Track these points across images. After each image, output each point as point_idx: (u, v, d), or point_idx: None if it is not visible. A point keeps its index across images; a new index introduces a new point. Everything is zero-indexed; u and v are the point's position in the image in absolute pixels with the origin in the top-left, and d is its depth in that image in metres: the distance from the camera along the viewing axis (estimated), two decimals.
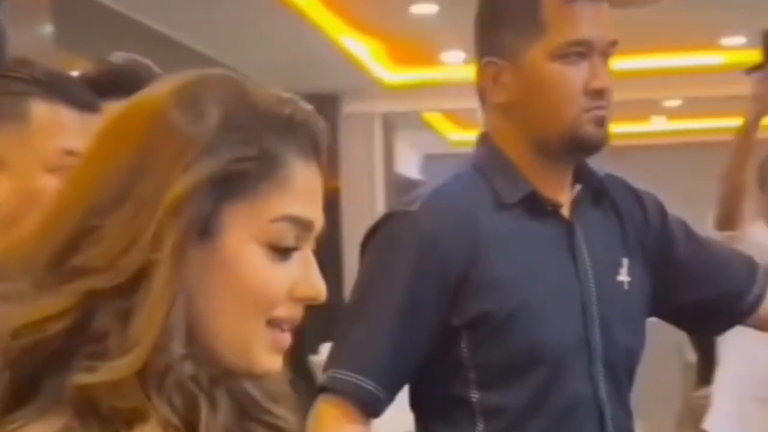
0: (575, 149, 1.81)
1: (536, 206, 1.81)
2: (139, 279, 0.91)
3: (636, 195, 1.96)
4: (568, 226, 1.83)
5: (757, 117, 2.81)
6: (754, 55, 2.78)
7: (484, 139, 1.88)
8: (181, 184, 0.92)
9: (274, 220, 0.96)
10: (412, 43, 7.39)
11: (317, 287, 0.99)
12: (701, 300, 1.96)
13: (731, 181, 3.00)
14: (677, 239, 1.95)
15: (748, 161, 2.94)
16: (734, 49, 7.57)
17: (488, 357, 1.74)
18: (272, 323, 0.98)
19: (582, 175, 1.87)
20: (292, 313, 0.98)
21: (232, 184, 0.94)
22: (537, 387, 1.75)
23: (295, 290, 0.98)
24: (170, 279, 0.91)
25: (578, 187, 1.86)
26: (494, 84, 1.82)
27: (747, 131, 2.84)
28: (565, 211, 1.84)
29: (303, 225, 0.98)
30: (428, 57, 7.78)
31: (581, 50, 1.78)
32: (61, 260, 0.92)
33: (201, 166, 0.93)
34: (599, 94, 1.78)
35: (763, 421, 1.80)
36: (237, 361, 0.97)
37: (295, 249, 0.98)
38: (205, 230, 0.94)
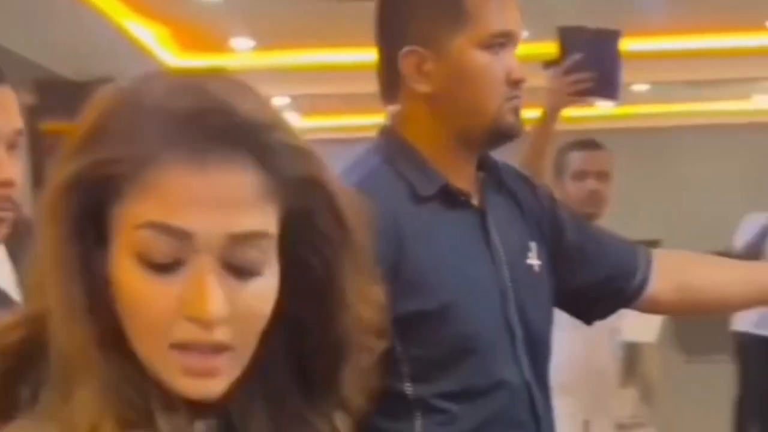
0: (497, 138, 1.83)
1: (450, 197, 1.82)
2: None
3: (527, 181, 1.99)
4: (480, 215, 1.85)
5: (554, 110, 2.91)
6: (551, 49, 2.88)
7: (388, 131, 1.87)
8: (50, 185, 0.86)
9: (139, 228, 0.84)
10: (200, 29, 7.28)
11: (199, 307, 0.84)
12: (590, 284, 1.99)
13: (529, 170, 3.10)
14: (566, 224, 1.99)
15: (546, 151, 3.05)
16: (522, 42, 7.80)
17: (420, 351, 1.74)
18: (177, 347, 0.86)
19: (483, 163, 1.89)
20: (194, 335, 0.85)
21: (103, 187, 0.85)
22: (469, 376, 1.76)
23: (183, 309, 0.85)
24: (62, 291, 0.85)
25: (481, 174, 1.88)
26: (417, 73, 1.80)
27: (545, 123, 2.95)
28: (474, 200, 1.86)
29: (172, 233, 0.84)
30: (217, 43, 7.68)
31: (504, 41, 1.81)
32: None
33: (66, 168, 0.86)
34: (518, 84, 1.81)
35: (560, 409, 1.88)
36: (165, 385, 0.87)
37: (175, 263, 0.85)
38: (99, 235, 0.87)
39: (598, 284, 2.00)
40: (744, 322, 6.08)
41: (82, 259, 0.87)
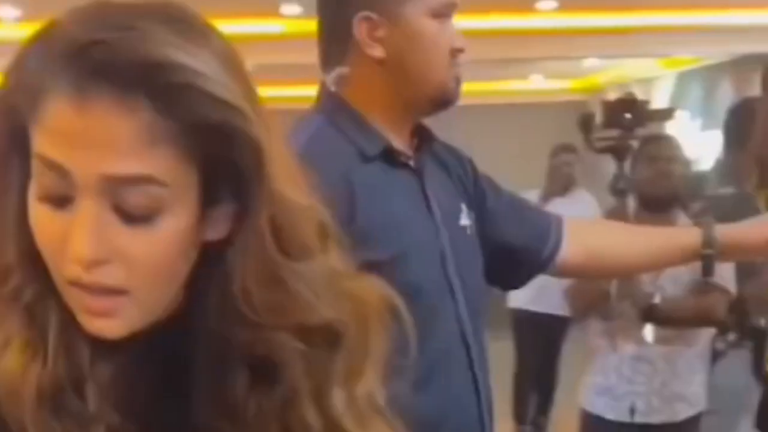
0: (439, 105, 1.91)
1: (391, 159, 1.89)
2: None
3: (449, 148, 2.06)
4: (418, 176, 1.92)
5: None
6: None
7: (329, 94, 1.91)
8: None
9: (33, 158, 0.84)
10: None
11: (72, 247, 0.83)
12: (507, 251, 2.06)
13: None
14: (487, 191, 2.07)
15: None
16: (293, 18, 7.70)
17: None
18: (74, 284, 0.85)
19: (416, 128, 1.96)
20: (76, 274, 0.84)
21: (14, 115, 0.85)
22: (416, 328, 1.79)
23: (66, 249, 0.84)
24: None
25: (415, 140, 1.95)
26: (370, 39, 1.86)
27: None
28: (412, 163, 1.93)
29: (54, 168, 0.83)
30: None
31: (449, 11, 1.89)
32: None
33: None
34: (459, 53, 1.90)
35: None
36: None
37: (64, 198, 0.83)
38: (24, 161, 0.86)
39: (515, 250, 2.08)
40: (520, 299, 6.17)
41: (7, 178, 0.87)
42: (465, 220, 1.98)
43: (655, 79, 11.54)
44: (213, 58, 0.84)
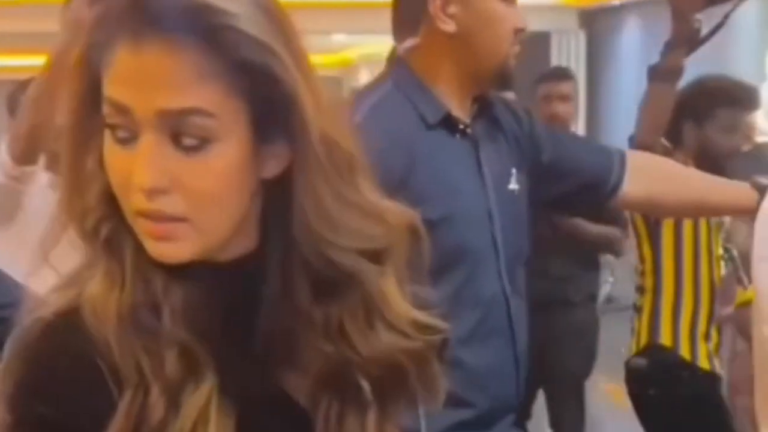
0: (501, 79, 2.11)
1: (451, 126, 2.06)
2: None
3: (510, 108, 2.22)
4: (474, 144, 2.09)
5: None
6: None
7: (399, 62, 2.11)
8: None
9: (105, 102, 0.96)
10: None
11: (136, 178, 0.95)
12: (566, 192, 2.27)
13: None
14: (543, 141, 2.22)
15: None
16: None
17: None
18: (140, 214, 0.97)
19: (478, 96, 2.12)
20: (141, 204, 0.96)
21: (93, 66, 0.98)
22: (460, 283, 1.99)
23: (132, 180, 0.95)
24: (72, 155, 1.00)
25: (475, 107, 2.12)
26: (443, 14, 2.03)
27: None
28: (469, 130, 2.09)
29: (120, 109, 0.95)
30: None
31: None
32: None
33: (75, 49, 1.00)
34: (521, 33, 2.07)
35: None
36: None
37: (131, 136, 0.96)
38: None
39: (573, 192, 2.27)
40: None
41: (87, 126, 0.99)
42: (514, 185, 2.14)
43: None
44: (250, 3, 0.97)
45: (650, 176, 2.32)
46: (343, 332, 1.02)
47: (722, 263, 3.45)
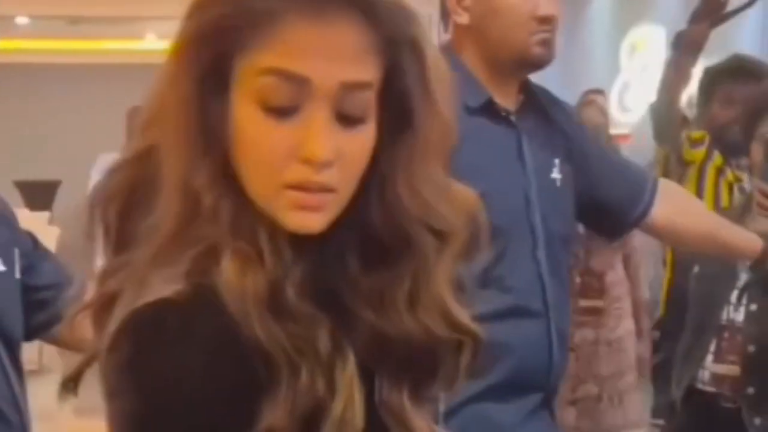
0: (523, 67, 2.11)
1: (492, 112, 2.09)
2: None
3: (560, 105, 2.26)
4: (516, 131, 2.12)
5: None
6: None
7: (445, 49, 2.08)
8: (182, 34, 0.97)
9: (262, 74, 0.94)
10: None
11: (311, 149, 0.93)
12: (601, 203, 2.27)
13: None
14: (589, 145, 2.27)
15: None
16: None
17: None
18: (290, 186, 0.95)
19: (524, 86, 2.15)
20: (303, 175, 0.94)
21: (228, 39, 0.94)
22: (488, 262, 1.95)
23: (297, 151, 0.94)
24: (183, 129, 0.95)
25: (521, 97, 2.14)
26: (458, 6, 2.09)
27: None
28: (513, 118, 2.12)
29: (293, 79, 0.93)
30: None
31: None
32: None
33: (197, 20, 0.96)
34: (546, 19, 2.05)
35: None
36: (275, 219, 0.96)
37: (292, 108, 0.94)
38: (220, 84, 0.95)
39: (607, 204, 2.27)
40: None
41: (202, 104, 0.95)
42: (556, 174, 2.16)
43: None
44: None
45: (676, 207, 2.37)
46: (384, 303, 0.99)
47: None
